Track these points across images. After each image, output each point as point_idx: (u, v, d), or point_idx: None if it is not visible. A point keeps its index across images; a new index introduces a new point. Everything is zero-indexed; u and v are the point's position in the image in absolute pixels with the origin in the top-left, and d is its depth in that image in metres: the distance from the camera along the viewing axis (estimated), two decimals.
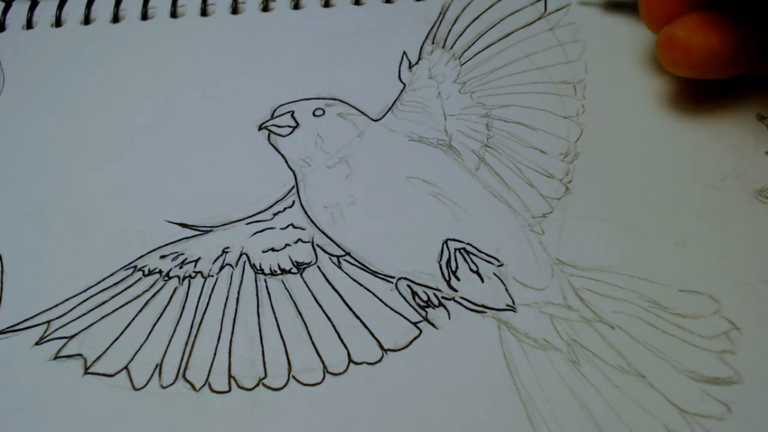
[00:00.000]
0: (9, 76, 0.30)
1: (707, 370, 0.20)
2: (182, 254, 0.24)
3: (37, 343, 0.22)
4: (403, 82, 0.28)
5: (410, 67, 0.29)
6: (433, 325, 0.22)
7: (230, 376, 0.21)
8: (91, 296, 0.23)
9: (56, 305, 0.23)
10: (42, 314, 0.23)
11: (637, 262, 0.23)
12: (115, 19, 0.32)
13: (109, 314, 0.23)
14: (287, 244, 0.24)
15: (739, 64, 0.24)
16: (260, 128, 0.27)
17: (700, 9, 0.24)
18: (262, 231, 0.25)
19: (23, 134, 0.28)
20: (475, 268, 0.23)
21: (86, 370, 0.22)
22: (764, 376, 0.20)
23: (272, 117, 0.28)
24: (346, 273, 0.23)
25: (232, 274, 0.24)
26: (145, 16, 0.32)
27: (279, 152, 0.27)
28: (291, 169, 0.26)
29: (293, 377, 0.21)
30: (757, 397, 0.20)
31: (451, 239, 0.24)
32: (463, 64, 0.29)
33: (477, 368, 0.21)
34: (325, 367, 0.21)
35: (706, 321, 0.21)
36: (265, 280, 0.23)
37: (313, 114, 0.27)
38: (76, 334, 0.22)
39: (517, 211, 0.24)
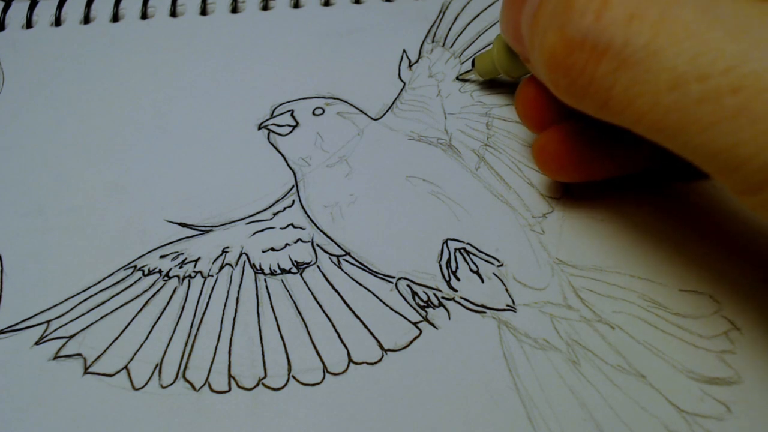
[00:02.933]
0: (9, 76, 0.30)
1: (707, 370, 0.20)
2: (182, 254, 0.24)
3: (37, 343, 0.22)
4: (403, 81, 0.28)
5: (410, 65, 0.29)
6: (433, 325, 0.22)
7: (230, 376, 0.21)
8: (91, 296, 0.23)
9: (56, 305, 0.23)
10: (42, 314, 0.23)
11: (637, 261, 0.23)
12: (115, 18, 0.32)
13: (108, 314, 0.23)
14: (287, 244, 0.24)
15: (623, 168, 0.23)
16: (260, 127, 0.27)
17: (573, 118, 0.22)
18: (262, 231, 0.24)
19: (22, 134, 0.28)
20: (475, 268, 0.23)
21: (86, 370, 0.22)
22: (764, 376, 0.20)
23: (272, 116, 0.28)
24: (346, 273, 0.23)
25: (231, 274, 0.23)
26: (144, 16, 0.32)
27: (279, 151, 0.27)
28: (291, 168, 0.26)
29: (293, 377, 0.21)
30: (756, 397, 0.20)
31: (451, 239, 0.24)
32: (463, 62, 0.29)
33: (477, 368, 0.21)
34: (325, 367, 0.21)
35: (706, 321, 0.21)
36: (265, 280, 0.23)
37: (313, 113, 0.27)
38: (75, 334, 0.22)
39: (517, 211, 0.24)
